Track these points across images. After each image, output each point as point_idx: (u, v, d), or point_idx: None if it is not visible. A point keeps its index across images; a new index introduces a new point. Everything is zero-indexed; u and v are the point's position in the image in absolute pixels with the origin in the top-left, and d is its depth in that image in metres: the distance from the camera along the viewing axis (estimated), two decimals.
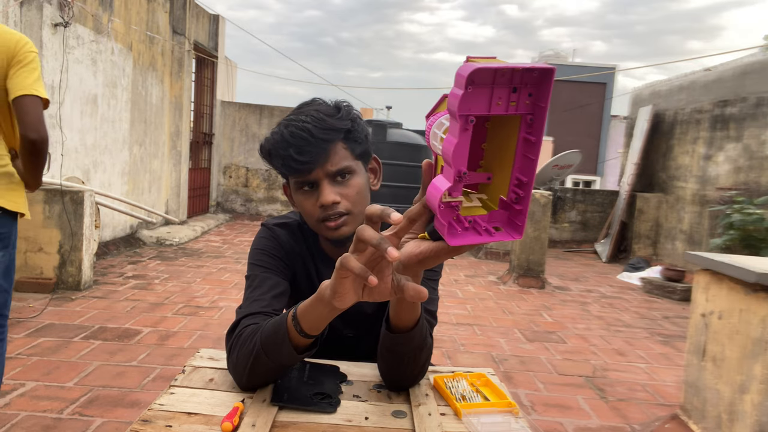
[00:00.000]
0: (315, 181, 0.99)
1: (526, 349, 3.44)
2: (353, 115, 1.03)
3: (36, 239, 3.93)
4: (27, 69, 1.62)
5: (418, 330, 0.89)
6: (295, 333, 0.83)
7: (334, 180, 1.00)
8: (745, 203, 4.74)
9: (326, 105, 1.03)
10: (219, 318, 3.62)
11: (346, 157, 1.00)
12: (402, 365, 0.93)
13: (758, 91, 5.48)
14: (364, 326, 1.13)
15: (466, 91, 0.54)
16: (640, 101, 7.99)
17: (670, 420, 2.38)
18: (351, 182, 1.01)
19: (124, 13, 5.49)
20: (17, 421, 2.13)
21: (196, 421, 0.81)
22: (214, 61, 8.44)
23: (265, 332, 0.88)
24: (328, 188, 0.98)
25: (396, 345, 0.90)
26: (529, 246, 5.33)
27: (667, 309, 4.85)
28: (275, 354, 0.86)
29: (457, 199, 0.60)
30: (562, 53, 23.49)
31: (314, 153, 0.96)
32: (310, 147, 0.96)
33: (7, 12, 3.96)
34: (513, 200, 0.61)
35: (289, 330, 0.84)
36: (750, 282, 1.92)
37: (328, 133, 0.97)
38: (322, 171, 0.98)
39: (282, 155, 0.98)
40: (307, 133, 0.96)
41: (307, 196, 1.01)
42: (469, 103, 0.55)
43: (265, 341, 0.87)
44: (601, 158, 21.30)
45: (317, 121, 0.98)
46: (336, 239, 1.02)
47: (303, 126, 0.97)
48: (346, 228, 1.01)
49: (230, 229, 7.79)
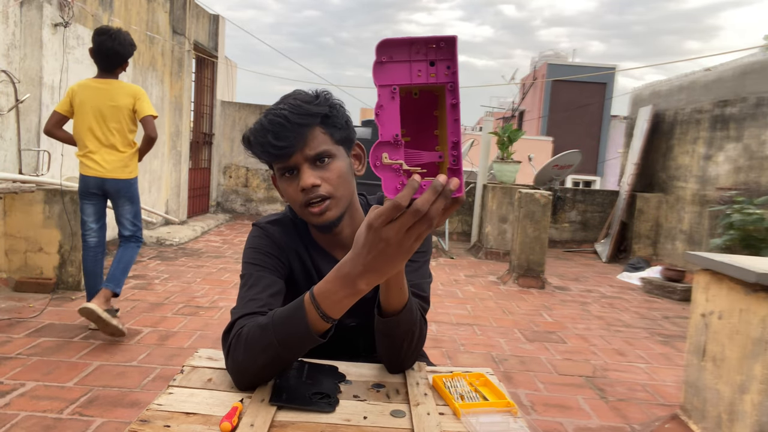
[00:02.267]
0: (296, 166, 1.01)
1: (526, 349, 3.44)
2: (332, 102, 1.06)
3: (36, 239, 3.93)
4: (146, 100, 3.13)
5: (407, 312, 0.94)
6: (315, 316, 0.84)
7: (314, 164, 1.01)
8: (745, 203, 4.74)
9: (305, 93, 1.05)
10: (219, 318, 3.62)
11: (325, 141, 1.02)
12: (396, 347, 0.99)
13: (758, 91, 5.48)
14: (365, 314, 1.14)
15: (381, 62, 0.65)
16: (640, 101, 7.99)
17: (670, 420, 2.38)
18: (331, 166, 1.03)
19: (124, 13, 5.49)
20: (17, 421, 2.13)
21: (194, 421, 0.81)
22: (214, 61, 8.44)
23: (276, 322, 0.88)
24: (308, 172, 1.00)
25: (388, 328, 0.96)
26: (529, 246, 5.33)
27: (667, 309, 4.85)
28: (294, 343, 0.87)
29: (397, 162, 0.67)
30: (562, 53, 23.47)
31: (291, 138, 0.98)
32: (286, 132, 0.98)
33: (7, 12, 3.96)
34: (453, 163, 0.68)
35: (308, 314, 0.85)
36: (750, 282, 1.92)
37: (305, 117, 1.00)
38: (302, 155, 1.00)
39: (261, 142, 1.00)
40: (283, 119, 0.98)
41: (290, 182, 1.03)
42: (389, 74, 0.65)
43: (279, 331, 0.87)
44: (601, 158, 21.30)
45: (294, 107, 1.00)
46: (321, 224, 1.04)
47: (280, 113, 0.99)
48: (330, 213, 1.03)
49: (230, 229, 7.80)
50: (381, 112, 0.66)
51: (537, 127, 22.24)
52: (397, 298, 0.92)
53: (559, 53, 23.34)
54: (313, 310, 0.84)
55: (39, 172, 4.25)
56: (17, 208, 3.92)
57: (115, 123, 3.06)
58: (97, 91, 3.04)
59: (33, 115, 4.24)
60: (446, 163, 0.69)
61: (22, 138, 4.17)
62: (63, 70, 4.44)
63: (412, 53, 0.65)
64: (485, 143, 7.59)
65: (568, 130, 20.98)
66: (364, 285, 0.77)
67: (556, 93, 21.63)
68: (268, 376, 0.92)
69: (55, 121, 3.07)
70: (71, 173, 4.64)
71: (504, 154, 7.13)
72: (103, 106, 3.03)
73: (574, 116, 21.10)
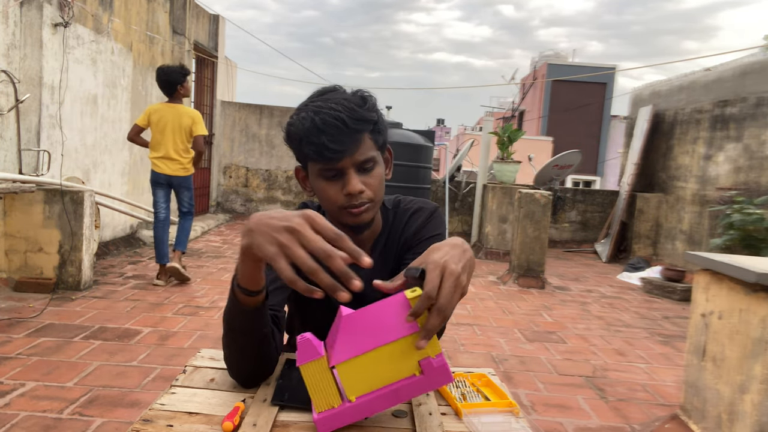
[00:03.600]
0: (342, 169, 1.00)
1: (526, 349, 3.45)
2: (377, 107, 1.05)
3: (36, 239, 3.93)
4: (200, 123, 4.25)
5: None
6: (243, 297, 0.86)
7: (359, 170, 1.01)
8: (745, 203, 4.74)
9: (351, 94, 1.03)
10: (219, 318, 3.62)
11: (371, 147, 1.02)
12: None
13: (758, 91, 5.48)
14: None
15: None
16: (640, 101, 7.99)
17: (670, 420, 2.38)
18: (374, 172, 1.03)
19: (124, 13, 5.49)
20: (17, 421, 2.13)
21: (197, 420, 0.81)
22: (214, 61, 8.44)
23: (225, 309, 0.91)
24: (355, 178, 1.00)
25: None
26: (529, 246, 5.33)
27: (667, 309, 4.86)
28: (237, 322, 0.89)
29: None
30: (562, 53, 23.48)
31: (347, 142, 0.97)
32: (343, 136, 0.96)
33: (7, 12, 3.96)
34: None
35: (237, 297, 0.87)
36: (750, 282, 1.92)
37: (360, 123, 0.98)
38: (351, 160, 0.99)
39: (315, 143, 0.97)
40: (340, 122, 0.96)
41: (332, 183, 1.01)
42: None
43: (226, 316, 0.90)
44: (601, 158, 21.31)
45: (349, 111, 0.98)
46: (357, 225, 1.04)
47: (336, 115, 0.96)
48: (367, 215, 1.03)
49: (230, 229, 7.79)
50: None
51: (537, 127, 22.25)
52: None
53: (559, 53, 23.34)
54: (234, 284, 0.87)
55: (39, 172, 4.25)
56: (17, 208, 3.92)
57: (179, 137, 4.19)
58: (167, 111, 4.18)
59: (33, 115, 4.24)
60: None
61: (22, 138, 4.17)
62: (63, 70, 4.44)
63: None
64: (485, 143, 7.59)
65: (568, 130, 20.99)
66: (244, 240, 0.79)
67: (556, 93, 21.64)
68: (247, 363, 0.92)
69: (136, 131, 4.25)
70: (71, 173, 4.65)
71: (504, 154, 7.13)
72: (173, 124, 4.16)
73: (574, 116, 21.10)
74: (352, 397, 0.75)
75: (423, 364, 0.76)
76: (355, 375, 0.75)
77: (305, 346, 0.75)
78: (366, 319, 0.76)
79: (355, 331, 0.75)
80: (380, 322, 0.76)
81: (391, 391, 0.75)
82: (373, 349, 0.74)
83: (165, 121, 4.14)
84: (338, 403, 0.76)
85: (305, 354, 0.74)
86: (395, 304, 0.76)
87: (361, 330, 0.76)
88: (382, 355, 0.75)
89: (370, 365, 0.75)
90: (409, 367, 0.76)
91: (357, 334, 0.75)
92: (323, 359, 0.75)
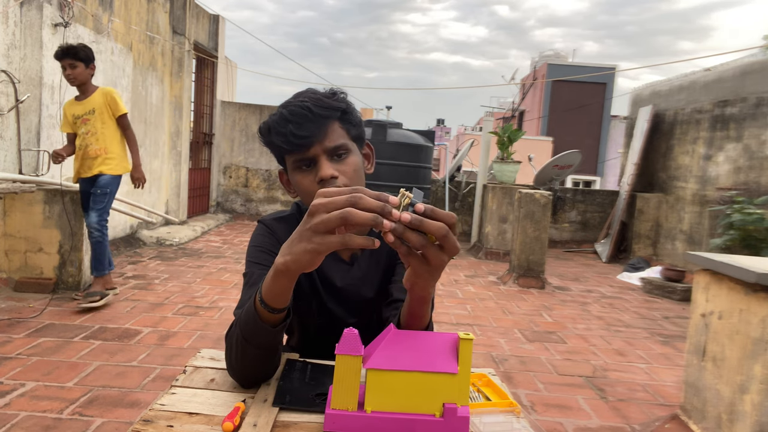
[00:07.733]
0: (313, 158, 1.02)
1: (526, 349, 3.45)
2: (347, 100, 1.08)
3: (36, 239, 3.93)
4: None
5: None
6: (266, 314, 0.85)
7: (331, 157, 1.03)
8: (745, 203, 4.74)
9: (322, 91, 1.08)
10: (219, 318, 3.62)
11: (343, 135, 1.04)
12: None
13: (758, 91, 5.48)
14: (365, 313, 1.15)
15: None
16: (640, 101, 7.99)
17: (670, 420, 2.38)
18: (348, 160, 1.04)
19: (124, 13, 5.49)
20: (17, 421, 2.13)
21: (197, 421, 0.81)
22: (214, 61, 8.43)
23: (242, 321, 0.90)
24: (327, 163, 1.01)
25: None
26: (529, 246, 5.33)
27: (667, 309, 4.86)
28: (256, 338, 0.88)
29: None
30: (562, 53, 23.48)
31: (313, 128, 1.00)
32: (308, 122, 1.00)
33: (7, 12, 3.96)
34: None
35: (260, 314, 0.86)
36: (750, 282, 1.92)
37: (326, 110, 1.01)
38: (321, 147, 1.01)
39: (282, 131, 1.01)
40: (306, 110, 1.00)
41: (306, 174, 1.03)
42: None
43: (244, 329, 0.89)
44: (601, 158, 21.31)
45: (315, 100, 1.02)
46: None
47: (302, 104, 1.01)
48: None
49: (230, 229, 7.79)
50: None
51: (537, 127, 22.25)
52: (418, 324, 0.91)
53: (559, 53, 23.35)
54: (257, 300, 0.85)
55: (39, 172, 4.25)
56: (17, 208, 3.92)
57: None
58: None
59: (33, 115, 4.24)
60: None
61: (22, 138, 4.17)
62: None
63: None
64: (485, 143, 7.59)
65: (568, 130, 20.99)
66: (280, 259, 0.77)
67: (556, 93, 21.64)
68: (255, 371, 0.92)
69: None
70: (71, 173, 4.64)
71: (504, 154, 7.13)
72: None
73: (574, 116, 21.10)
74: (368, 408, 0.75)
75: (446, 408, 0.74)
76: (380, 388, 0.75)
77: (350, 340, 0.75)
78: (412, 341, 0.77)
79: (399, 348, 0.76)
80: (424, 350, 0.76)
81: (406, 420, 0.75)
82: (408, 370, 0.74)
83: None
84: (354, 408, 0.76)
85: (347, 346, 0.74)
86: (446, 339, 0.77)
87: (404, 349, 0.76)
88: (412, 381, 0.74)
89: (398, 386, 0.74)
90: (433, 405, 0.75)
91: (399, 351, 0.75)
92: (360, 358, 0.75)
